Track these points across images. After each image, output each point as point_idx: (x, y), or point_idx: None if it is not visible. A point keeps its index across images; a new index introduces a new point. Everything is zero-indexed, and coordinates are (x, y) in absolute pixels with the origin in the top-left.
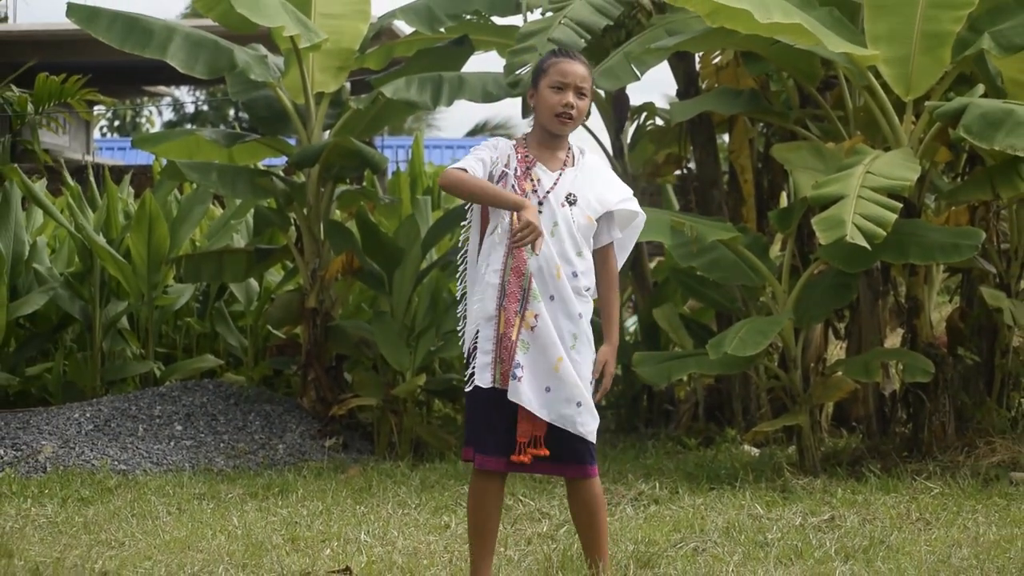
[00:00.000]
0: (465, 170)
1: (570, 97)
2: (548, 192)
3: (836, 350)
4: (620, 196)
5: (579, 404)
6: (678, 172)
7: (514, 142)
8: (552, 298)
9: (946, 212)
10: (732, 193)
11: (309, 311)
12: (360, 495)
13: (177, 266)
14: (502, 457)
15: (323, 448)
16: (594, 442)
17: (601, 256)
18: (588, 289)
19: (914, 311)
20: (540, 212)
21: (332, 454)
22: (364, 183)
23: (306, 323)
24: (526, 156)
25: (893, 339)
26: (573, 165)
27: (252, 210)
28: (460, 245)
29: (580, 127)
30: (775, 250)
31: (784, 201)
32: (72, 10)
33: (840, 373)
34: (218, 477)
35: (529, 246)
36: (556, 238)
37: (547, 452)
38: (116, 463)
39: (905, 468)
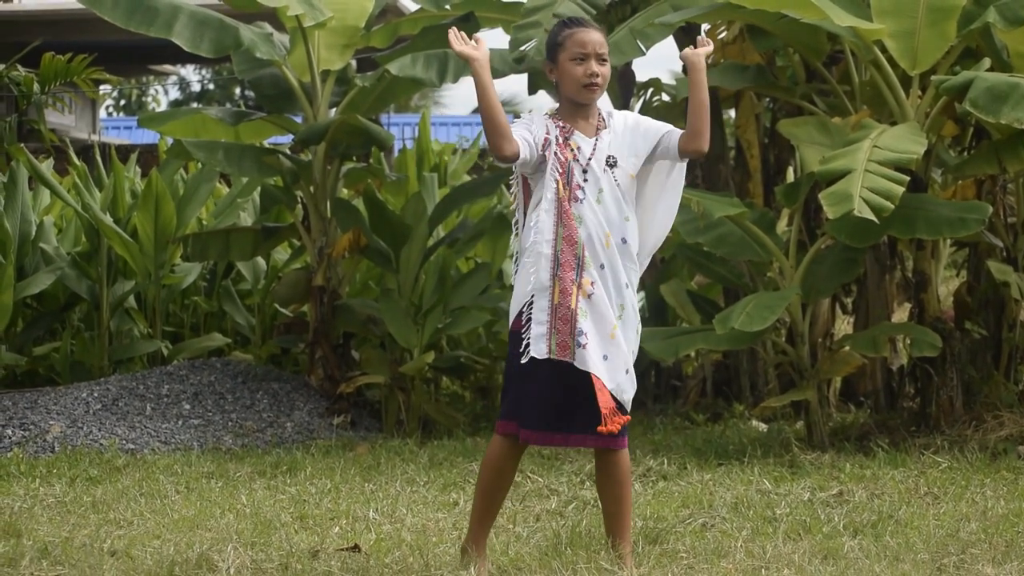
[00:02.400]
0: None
1: (594, 65)
2: (590, 159)
3: (843, 325)
4: (656, 129)
5: (627, 372)
6: None
7: (547, 114)
8: (602, 267)
9: (953, 186)
10: (739, 168)
11: (316, 289)
12: (368, 473)
13: (184, 245)
14: (543, 431)
15: (331, 426)
16: (629, 410)
17: (680, 135)
18: (637, 254)
19: (921, 285)
20: (585, 179)
21: (340, 432)
22: (371, 161)
23: (313, 301)
24: (562, 127)
25: (900, 313)
26: (606, 127)
27: (259, 188)
28: (513, 220)
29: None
30: (782, 225)
31: (791, 176)
32: None
33: (848, 348)
34: (226, 456)
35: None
36: (602, 205)
37: (628, 418)
38: (124, 442)
39: (913, 442)
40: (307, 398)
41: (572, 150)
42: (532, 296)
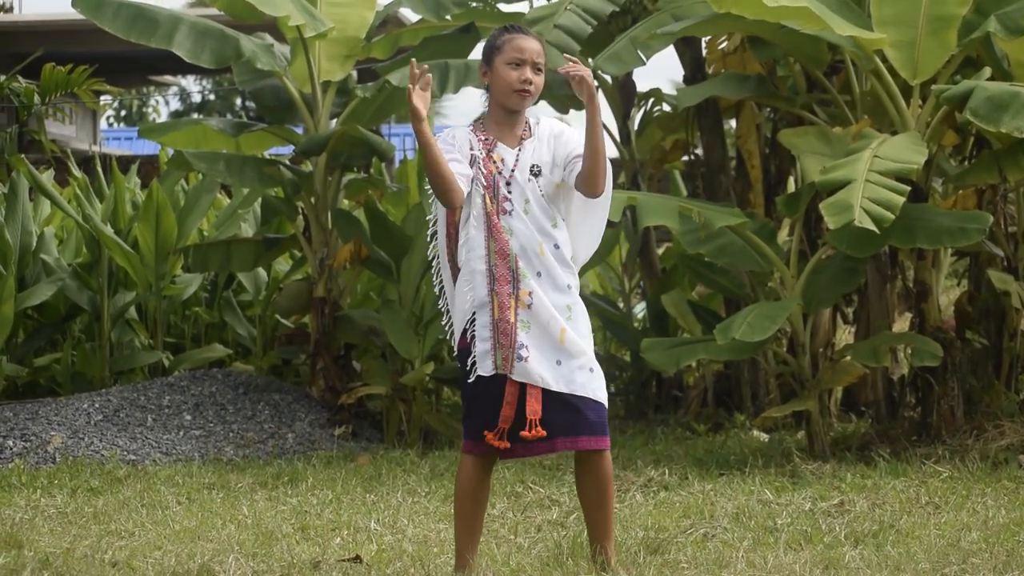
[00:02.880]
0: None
1: (528, 73)
2: (513, 170)
3: (844, 335)
4: (576, 145)
5: (591, 370)
6: (685, 158)
7: (471, 126)
8: (539, 274)
9: (953, 196)
10: (739, 178)
11: (317, 300)
12: (370, 483)
13: (185, 256)
14: (527, 443)
15: (332, 437)
16: (606, 408)
17: (575, 177)
18: (571, 258)
19: (922, 295)
20: (509, 191)
21: (341, 443)
22: (371, 171)
23: (314, 312)
24: (485, 139)
25: (901, 323)
26: (530, 136)
27: (259, 199)
28: (429, 240)
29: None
30: (783, 235)
31: (791, 186)
32: (78, 0)
33: (849, 358)
34: (227, 467)
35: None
36: (531, 215)
37: (544, 433)
38: (125, 453)
39: (914, 452)
40: (308, 409)
41: (495, 163)
42: (473, 313)
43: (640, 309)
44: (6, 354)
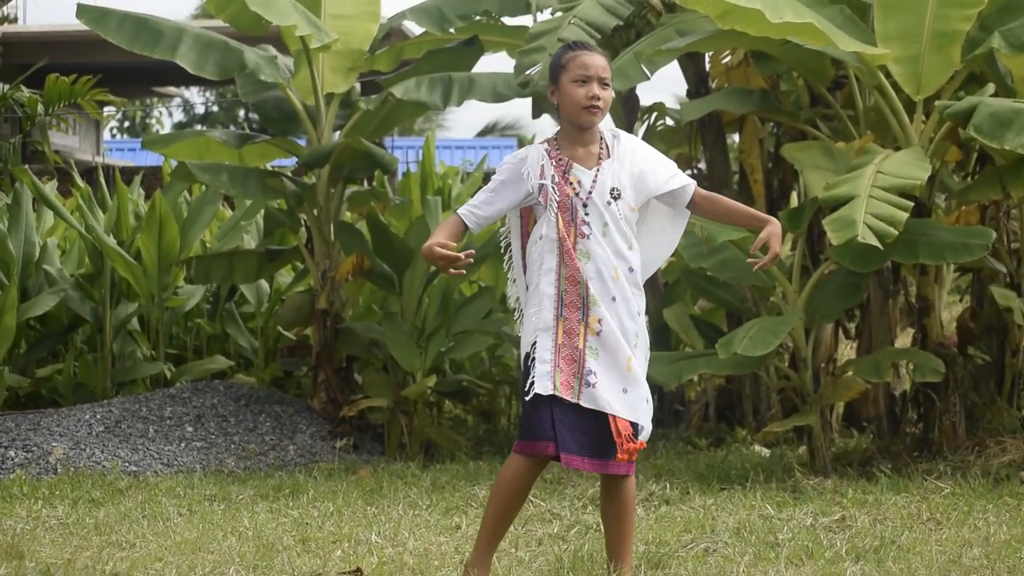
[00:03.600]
0: (461, 217)
1: (595, 88)
2: (590, 192)
3: (846, 350)
4: (666, 175)
5: (647, 401)
6: (689, 172)
7: (545, 145)
8: (614, 299)
9: (956, 211)
10: (742, 193)
11: (319, 312)
12: (371, 496)
13: (187, 267)
14: (584, 457)
15: (334, 449)
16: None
17: (697, 202)
18: (642, 282)
19: (924, 311)
20: (586, 213)
21: (343, 455)
22: (374, 184)
23: (316, 324)
24: (560, 160)
25: (903, 339)
26: (609, 156)
27: (262, 211)
28: (503, 251)
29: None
30: (785, 250)
31: (794, 201)
32: (82, 11)
33: (850, 373)
34: (229, 478)
35: (583, 253)
36: (608, 238)
37: (644, 444)
38: (127, 464)
39: (916, 468)
40: (310, 421)
41: (571, 184)
42: (536, 335)
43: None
44: (8, 364)
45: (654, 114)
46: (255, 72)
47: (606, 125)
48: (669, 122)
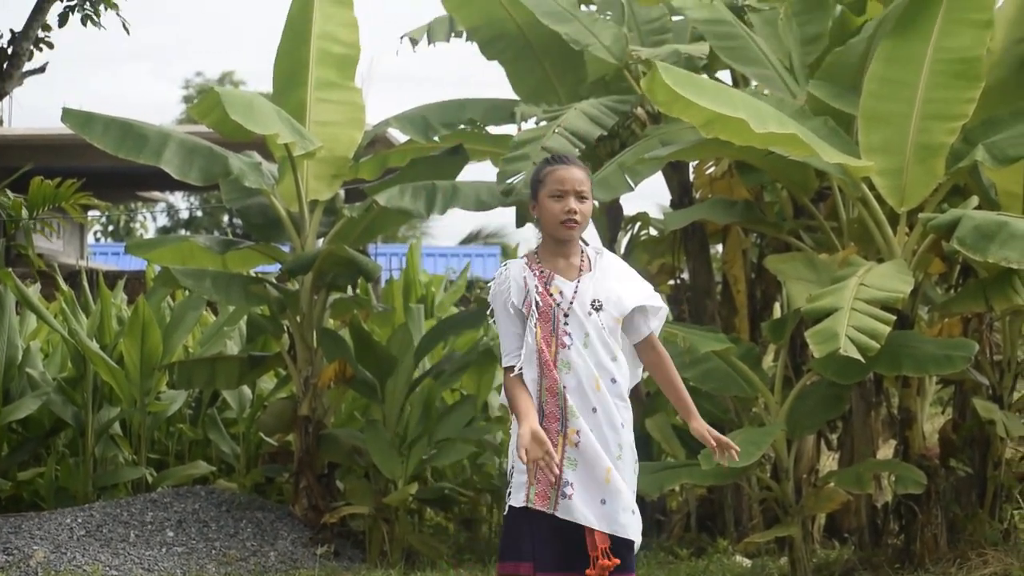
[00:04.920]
0: (512, 368)
1: (572, 203)
2: (572, 302)
3: (828, 461)
4: (644, 293)
5: (633, 512)
6: (672, 282)
7: (525, 259)
8: (595, 410)
9: (939, 323)
10: (725, 303)
11: (302, 419)
12: None
13: (170, 372)
14: (560, 572)
15: (315, 556)
16: (638, 546)
17: (647, 345)
18: (627, 391)
19: (907, 422)
20: (566, 323)
21: (324, 562)
22: (357, 291)
23: (298, 431)
24: (542, 271)
25: (886, 450)
26: (590, 269)
27: (245, 317)
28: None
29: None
30: (768, 361)
31: (777, 312)
32: (67, 115)
33: (832, 484)
34: None
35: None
36: (590, 349)
37: (618, 561)
38: (108, 569)
39: None
40: (291, 527)
41: (552, 296)
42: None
43: None
44: None
45: (638, 224)
46: (239, 178)
47: (592, 241)
48: (653, 232)
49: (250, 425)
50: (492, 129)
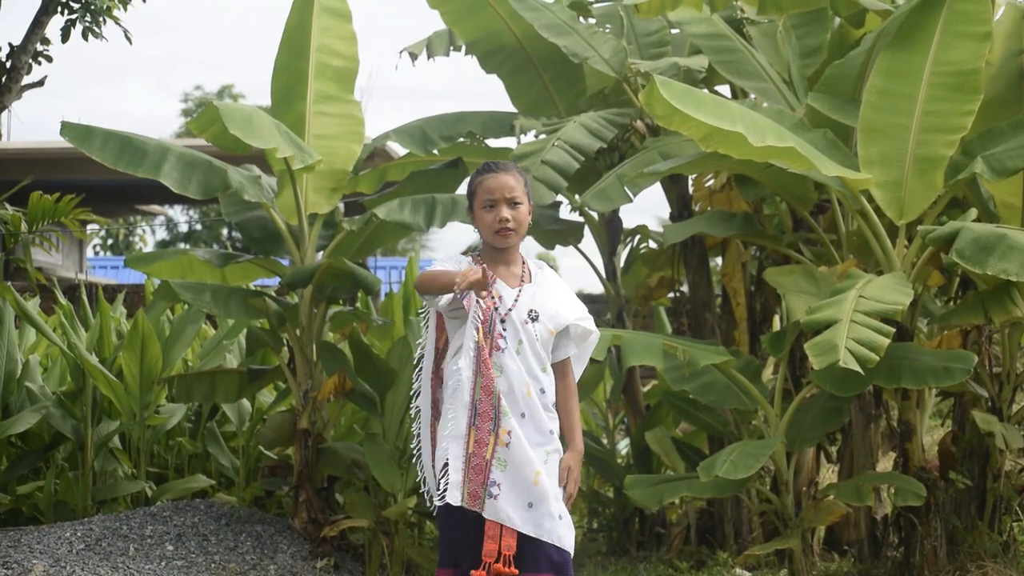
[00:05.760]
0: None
1: (504, 211)
2: (510, 310)
3: (828, 474)
4: (577, 314)
5: (560, 517)
6: (671, 295)
7: (470, 259)
8: (523, 415)
9: (938, 336)
10: (725, 316)
11: (301, 432)
12: None
13: (169, 386)
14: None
15: (315, 569)
16: (571, 555)
17: (560, 369)
18: (553, 404)
19: (906, 435)
20: (504, 330)
21: (323, 575)
22: (357, 304)
23: (298, 444)
24: (486, 271)
25: (885, 463)
26: (531, 281)
27: (245, 330)
28: (415, 363)
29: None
30: (767, 373)
31: (777, 324)
32: (66, 128)
33: (832, 497)
34: None
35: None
36: (522, 356)
37: (516, 572)
38: None
39: None
40: (290, 541)
41: (494, 298)
42: (447, 443)
43: (624, 445)
44: None
45: (637, 236)
46: (238, 192)
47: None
48: (652, 245)
49: (249, 438)
50: (491, 142)
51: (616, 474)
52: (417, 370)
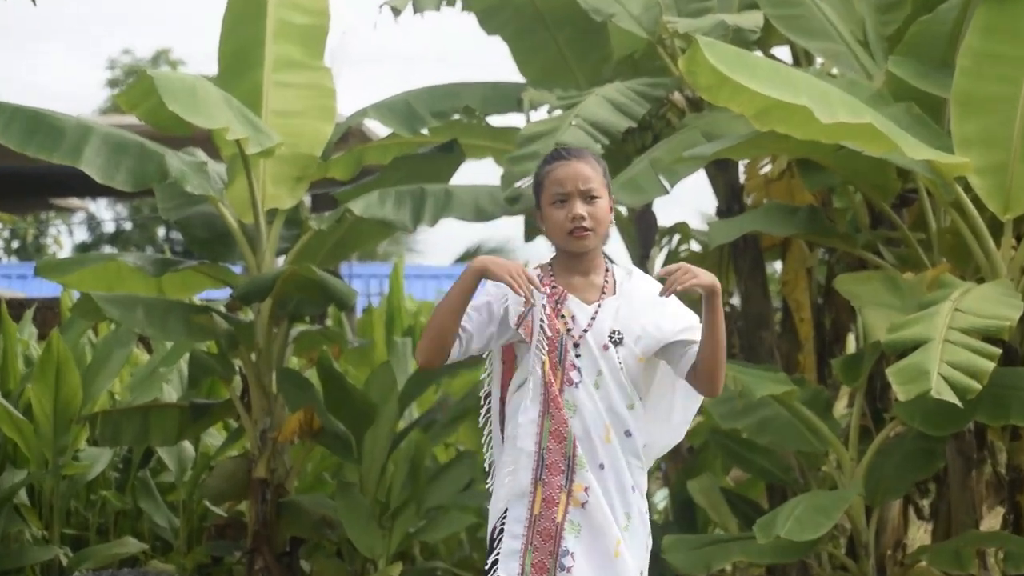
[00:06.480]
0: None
1: (577, 207)
2: (585, 331)
3: (919, 533)
4: (683, 325)
5: None
6: None
7: (538, 270)
8: (602, 467)
9: None
10: (785, 335)
11: (258, 482)
12: None
13: (91, 425)
14: None
15: None
16: None
17: (688, 373)
18: (644, 447)
19: (1017, 484)
20: (577, 356)
21: None
22: (327, 322)
23: (253, 497)
24: (554, 288)
25: (991, 520)
26: (614, 293)
27: (186, 355)
28: (482, 403)
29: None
30: (840, 407)
31: (851, 346)
32: None
33: (924, 563)
34: None
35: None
36: (602, 391)
37: None
38: None
39: None
40: None
41: (564, 319)
42: (507, 503)
43: (661, 498)
44: None
45: (676, 236)
46: (179, 182)
47: (622, 258)
48: (695, 247)
49: (192, 491)
50: (494, 120)
51: (652, 533)
52: (484, 411)
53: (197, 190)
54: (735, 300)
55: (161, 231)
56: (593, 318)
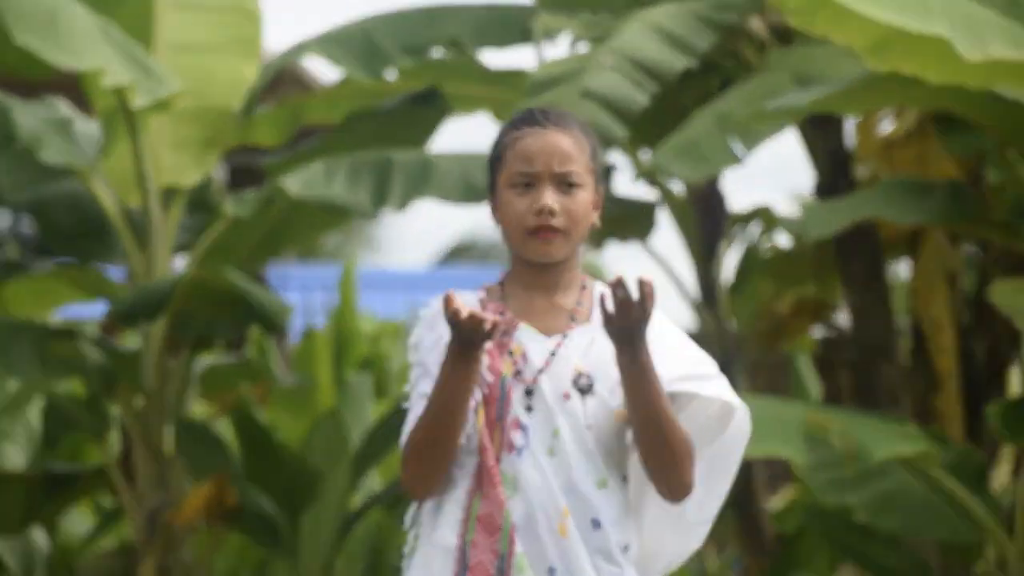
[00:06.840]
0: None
1: (547, 196)
2: (540, 372)
3: None
4: (684, 370)
5: None
6: (819, 332)
7: (482, 293)
8: (552, 571)
9: None
10: (918, 370)
11: None
12: None
13: None
14: None
15: None
16: None
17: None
18: (626, 548)
19: None
20: (530, 410)
21: None
22: (248, 350)
23: None
24: (501, 314)
25: None
26: (589, 320)
27: (40, 401)
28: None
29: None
30: (1002, 475)
31: (1015, 385)
32: None
33: None
34: None
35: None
36: (557, 458)
37: None
38: None
39: None
40: None
41: (513, 356)
42: None
43: None
44: None
45: (754, 226)
46: (31, 148)
47: (679, 253)
48: (782, 241)
49: None
50: (491, 58)
51: None
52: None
53: (57, 159)
54: (843, 319)
55: (3, 219)
56: (553, 354)
